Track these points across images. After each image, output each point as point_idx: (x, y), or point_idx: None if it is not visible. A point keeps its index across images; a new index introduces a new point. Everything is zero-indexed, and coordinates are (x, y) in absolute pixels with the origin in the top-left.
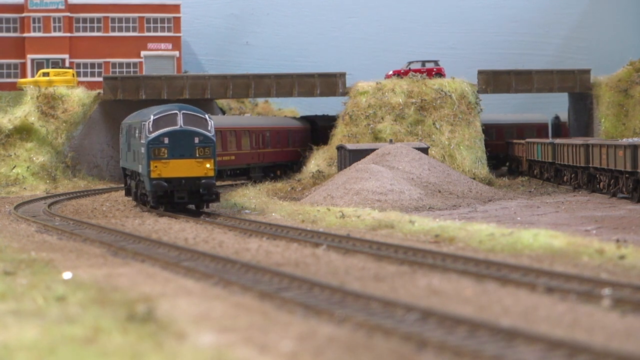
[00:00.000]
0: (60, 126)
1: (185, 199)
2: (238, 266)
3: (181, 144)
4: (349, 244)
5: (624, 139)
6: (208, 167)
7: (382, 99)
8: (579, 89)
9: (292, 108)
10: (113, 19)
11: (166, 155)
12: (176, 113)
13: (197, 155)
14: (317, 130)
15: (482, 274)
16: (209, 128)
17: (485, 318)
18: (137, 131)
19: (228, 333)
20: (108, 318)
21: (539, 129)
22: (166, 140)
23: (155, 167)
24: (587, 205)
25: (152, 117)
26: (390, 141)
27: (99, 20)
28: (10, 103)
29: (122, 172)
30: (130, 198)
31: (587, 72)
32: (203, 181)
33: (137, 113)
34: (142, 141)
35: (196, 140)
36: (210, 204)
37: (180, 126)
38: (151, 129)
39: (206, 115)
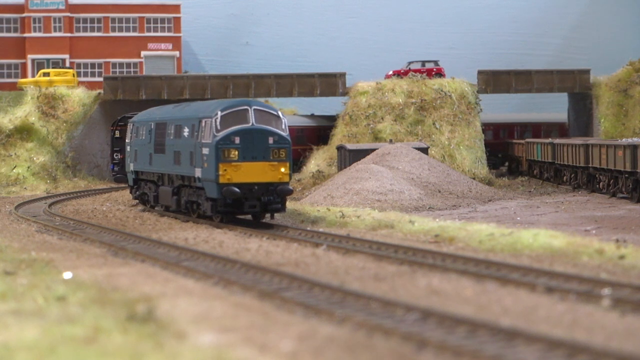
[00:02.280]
0: (60, 126)
1: (257, 208)
2: (238, 266)
3: (254, 145)
4: (349, 244)
5: (624, 139)
6: (283, 171)
7: (382, 99)
8: (578, 89)
9: (292, 108)
10: (113, 19)
11: (237, 158)
12: (247, 109)
13: (272, 157)
14: None
15: (482, 274)
16: (283, 127)
17: (485, 318)
18: (185, 129)
19: (228, 333)
20: (108, 318)
21: None
22: (237, 140)
23: (225, 170)
24: (586, 205)
25: (219, 113)
26: (390, 141)
27: (99, 20)
28: (11, 103)
29: (130, 176)
30: (147, 206)
31: (587, 72)
32: (279, 187)
33: (162, 109)
34: (203, 141)
35: (270, 140)
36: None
37: (252, 124)
38: (219, 127)
39: (279, 112)
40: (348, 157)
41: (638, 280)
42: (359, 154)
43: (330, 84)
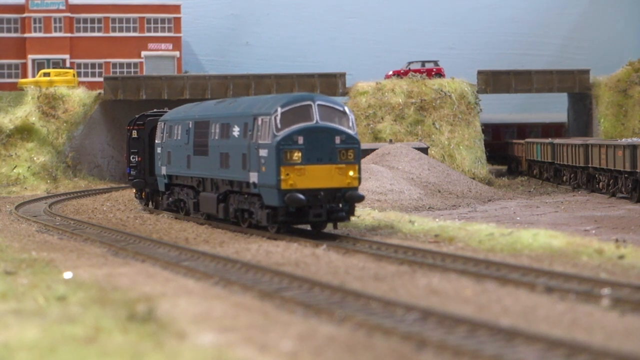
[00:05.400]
0: (61, 126)
1: (323, 217)
2: (238, 266)
3: (319, 145)
4: (349, 244)
5: (623, 139)
6: (352, 175)
7: (382, 99)
8: (578, 89)
9: None
10: (114, 19)
11: (300, 160)
12: (310, 105)
13: (339, 159)
14: None
15: (481, 274)
16: (350, 124)
17: (484, 318)
18: (235, 128)
19: (228, 333)
20: (109, 318)
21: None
22: (300, 141)
23: (287, 175)
24: (586, 205)
25: (279, 109)
26: (390, 141)
27: (99, 20)
28: (11, 103)
29: (159, 179)
30: (181, 213)
31: (587, 72)
32: (347, 193)
33: (200, 106)
34: (260, 141)
35: (337, 140)
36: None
37: (317, 122)
38: (279, 126)
39: (345, 108)
40: None
41: (637, 280)
42: None
43: (330, 84)
